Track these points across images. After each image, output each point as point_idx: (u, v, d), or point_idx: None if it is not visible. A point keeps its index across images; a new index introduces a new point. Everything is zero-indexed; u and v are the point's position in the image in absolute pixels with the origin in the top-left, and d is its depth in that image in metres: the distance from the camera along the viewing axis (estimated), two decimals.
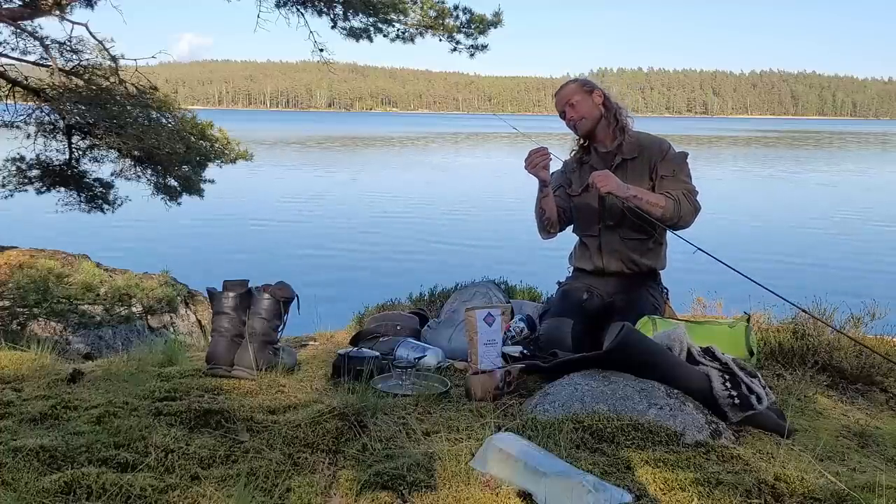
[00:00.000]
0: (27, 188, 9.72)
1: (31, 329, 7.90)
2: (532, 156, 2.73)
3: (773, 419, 2.01)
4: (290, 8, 9.33)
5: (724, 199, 22.57)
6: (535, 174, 2.76)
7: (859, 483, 1.53)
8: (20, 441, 1.68)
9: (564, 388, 2.04)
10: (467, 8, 9.13)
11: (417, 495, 1.48)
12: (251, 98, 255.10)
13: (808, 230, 19.09)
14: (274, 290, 2.52)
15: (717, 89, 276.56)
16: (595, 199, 2.86)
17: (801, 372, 2.57)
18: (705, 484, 1.50)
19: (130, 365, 2.54)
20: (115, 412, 1.90)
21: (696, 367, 2.07)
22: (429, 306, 3.83)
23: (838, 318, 2.90)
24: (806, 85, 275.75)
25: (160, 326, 9.44)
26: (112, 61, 9.40)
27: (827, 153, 58.89)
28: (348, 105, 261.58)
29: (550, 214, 2.91)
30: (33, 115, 9.51)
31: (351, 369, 2.37)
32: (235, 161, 10.48)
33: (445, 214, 21.03)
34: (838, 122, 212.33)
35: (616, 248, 2.87)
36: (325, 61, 9.93)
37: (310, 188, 27.36)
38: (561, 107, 2.91)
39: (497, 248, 16.06)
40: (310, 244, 16.96)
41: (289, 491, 1.53)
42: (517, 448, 1.56)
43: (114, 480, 1.48)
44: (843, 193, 27.89)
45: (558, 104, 2.92)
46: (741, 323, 2.63)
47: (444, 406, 2.12)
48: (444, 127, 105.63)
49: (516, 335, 2.89)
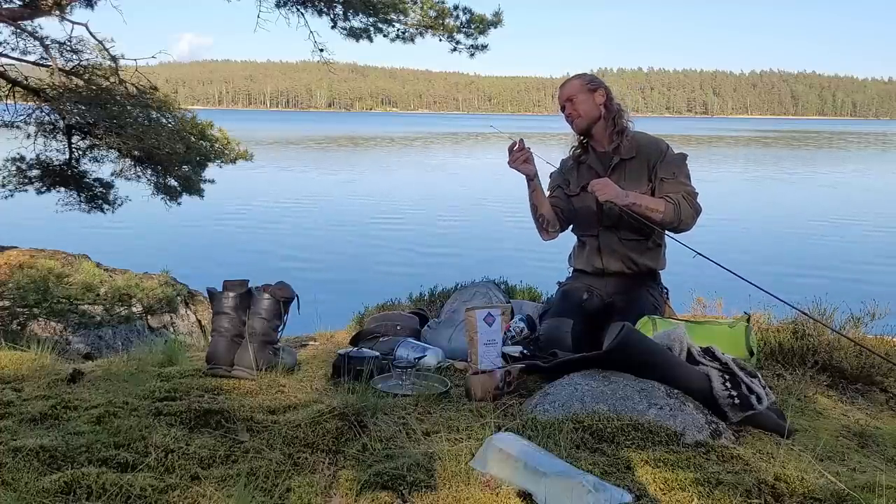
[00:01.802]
0: (27, 188, 9.71)
1: (31, 329, 7.90)
2: (513, 152, 2.75)
3: (773, 419, 2.01)
4: (290, 8, 9.32)
5: (724, 199, 22.57)
6: (519, 169, 2.78)
7: (859, 483, 1.53)
8: (20, 441, 1.68)
9: (564, 388, 2.04)
10: (467, 8, 9.13)
11: (417, 495, 1.48)
12: (251, 98, 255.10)
13: (808, 230, 19.08)
14: (274, 290, 2.52)
15: (717, 89, 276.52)
16: (593, 199, 2.85)
17: (801, 372, 2.57)
18: (705, 484, 1.50)
19: (130, 365, 2.54)
20: (115, 412, 1.90)
21: (696, 367, 2.07)
22: (429, 306, 3.83)
23: (838, 318, 2.90)
24: (806, 85, 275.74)
25: (160, 326, 9.44)
26: (112, 61, 9.39)
27: (827, 153, 58.91)
28: (348, 105, 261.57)
29: (544, 211, 2.91)
30: (33, 115, 9.50)
31: (351, 369, 2.37)
32: (235, 161, 10.47)
33: (446, 214, 21.03)
34: (838, 122, 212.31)
35: (615, 249, 2.87)
36: (325, 61, 9.92)
37: (310, 188, 27.37)
38: (562, 101, 2.91)
39: (497, 248, 16.06)
40: (310, 244, 16.97)
41: (289, 491, 1.53)
42: (517, 448, 1.56)
43: (114, 480, 1.48)
44: (843, 193, 27.90)
45: (560, 98, 2.92)
46: (741, 323, 2.63)
47: (444, 406, 2.12)
48: (444, 127, 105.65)
49: (516, 335, 2.88)
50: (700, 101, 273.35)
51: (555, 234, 2.97)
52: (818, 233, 18.70)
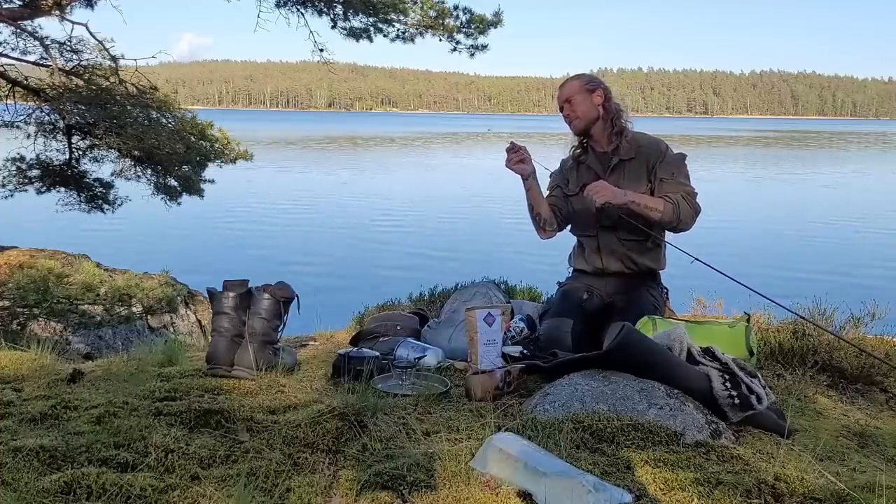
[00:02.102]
0: (27, 188, 9.71)
1: (31, 329, 7.90)
2: (508, 153, 2.78)
3: (773, 419, 2.01)
4: (290, 8, 9.32)
5: (724, 199, 22.57)
6: (514, 169, 2.80)
7: (859, 483, 1.53)
8: (20, 441, 1.68)
9: (564, 388, 2.04)
10: (467, 8, 9.13)
11: (417, 495, 1.48)
12: (251, 98, 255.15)
13: (808, 230, 19.08)
14: (274, 290, 2.52)
15: (717, 89, 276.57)
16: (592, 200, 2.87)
17: (801, 372, 2.57)
18: (705, 484, 1.50)
19: (130, 365, 2.54)
20: (115, 412, 1.90)
21: (696, 367, 2.07)
22: (429, 306, 3.83)
23: (838, 318, 2.90)
24: (806, 85, 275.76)
25: (160, 326, 9.43)
26: (112, 61, 9.39)
27: (827, 153, 58.90)
28: (348, 105, 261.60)
29: (540, 210, 2.91)
30: (33, 115, 9.50)
31: (351, 369, 2.37)
32: (235, 161, 10.47)
33: (446, 214, 21.02)
34: (838, 122, 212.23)
35: (614, 249, 2.87)
36: (325, 61, 9.92)
37: (310, 188, 27.36)
38: (560, 102, 2.92)
39: (497, 248, 16.05)
40: (310, 244, 16.96)
41: (289, 491, 1.53)
42: (517, 448, 1.56)
43: (114, 480, 1.48)
44: (843, 194, 27.89)
45: (559, 99, 2.93)
46: (741, 323, 2.63)
47: (444, 406, 2.12)
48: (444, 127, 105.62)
49: (516, 335, 2.88)
50: (700, 101, 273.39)
51: (552, 232, 2.98)
52: (818, 233, 18.70)
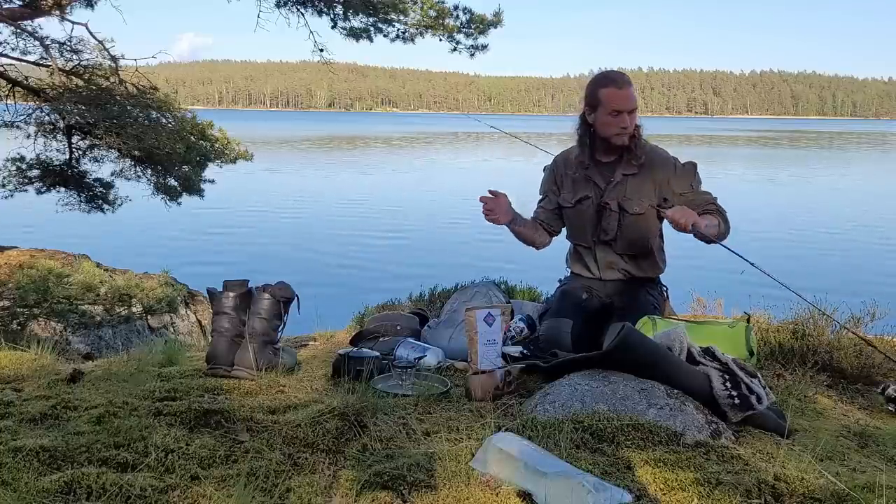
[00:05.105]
0: (27, 188, 9.72)
1: (31, 329, 7.90)
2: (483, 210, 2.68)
3: (773, 419, 2.01)
4: (290, 8, 9.33)
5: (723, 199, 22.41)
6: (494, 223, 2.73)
7: (859, 483, 1.53)
8: (20, 441, 1.68)
9: (564, 388, 2.04)
10: (467, 8, 9.15)
11: (417, 495, 1.48)
12: (251, 98, 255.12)
13: (808, 230, 19.09)
14: (274, 290, 2.52)
15: (717, 89, 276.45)
16: (590, 212, 2.79)
17: (801, 372, 2.57)
18: (705, 484, 1.50)
19: (130, 365, 2.54)
20: (115, 412, 1.90)
21: (696, 368, 2.07)
22: (429, 306, 3.83)
23: (838, 318, 2.90)
24: (806, 85, 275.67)
25: (160, 326, 9.43)
26: (112, 61, 9.40)
27: (827, 153, 58.90)
28: (348, 105, 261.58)
29: (533, 240, 2.91)
30: (33, 115, 9.50)
31: (351, 369, 2.37)
32: (235, 161, 10.48)
33: (446, 214, 21.01)
34: (838, 122, 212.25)
35: (611, 260, 2.84)
36: (325, 61, 9.93)
37: (310, 188, 27.36)
38: (621, 108, 2.62)
39: (497, 248, 16.04)
40: (310, 244, 16.96)
41: (289, 491, 1.53)
42: (517, 448, 1.56)
43: (114, 480, 1.48)
44: (843, 194, 27.88)
45: (621, 102, 2.62)
46: (741, 323, 2.64)
47: (444, 406, 2.12)
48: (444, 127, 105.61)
49: (516, 335, 2.89)
50: (700, 101, 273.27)
51: (548, 243, 2.97)
52: (818, 232, 18.70)
